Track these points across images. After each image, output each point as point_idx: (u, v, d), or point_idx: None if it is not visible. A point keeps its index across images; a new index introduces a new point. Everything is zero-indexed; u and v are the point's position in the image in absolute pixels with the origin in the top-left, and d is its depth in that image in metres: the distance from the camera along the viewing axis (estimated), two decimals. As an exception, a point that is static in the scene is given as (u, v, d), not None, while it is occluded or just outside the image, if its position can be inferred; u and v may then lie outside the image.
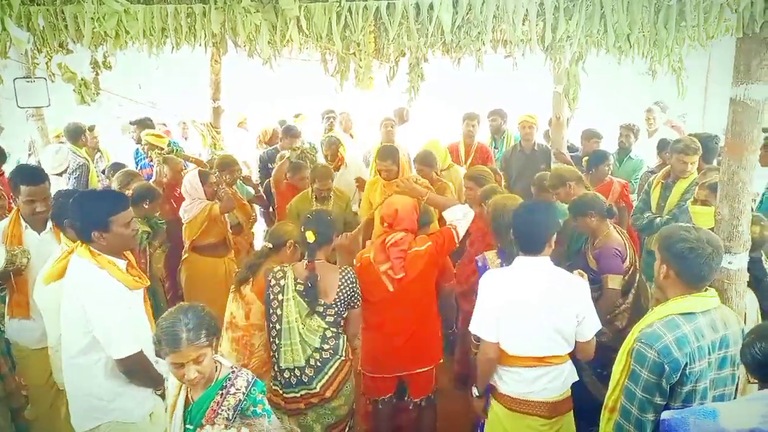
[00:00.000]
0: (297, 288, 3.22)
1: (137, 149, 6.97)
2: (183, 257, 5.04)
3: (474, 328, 2.92)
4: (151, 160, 6.29)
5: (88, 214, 2.78)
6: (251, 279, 3.49)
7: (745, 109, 2.67)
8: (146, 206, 4.52)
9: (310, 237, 3.24)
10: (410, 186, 3.84)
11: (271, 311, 3.26)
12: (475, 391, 3.04)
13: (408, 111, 8.58)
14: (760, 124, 2.70)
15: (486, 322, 2.85)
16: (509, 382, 2.90)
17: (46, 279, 3.01)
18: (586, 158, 5.73)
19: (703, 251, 2.27)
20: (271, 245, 3.60)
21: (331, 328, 3.25)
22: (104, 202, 2.85)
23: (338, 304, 3.26)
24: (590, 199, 3.91)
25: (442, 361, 3.79)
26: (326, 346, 3.23)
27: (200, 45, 4.89)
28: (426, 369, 3.66)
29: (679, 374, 2.22)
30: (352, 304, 3.33)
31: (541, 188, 4.78)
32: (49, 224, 3.67)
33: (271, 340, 3.28)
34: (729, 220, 2.86)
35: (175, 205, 5.35)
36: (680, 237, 2.33)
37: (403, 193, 3.79)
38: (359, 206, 5.75)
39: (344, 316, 3.33)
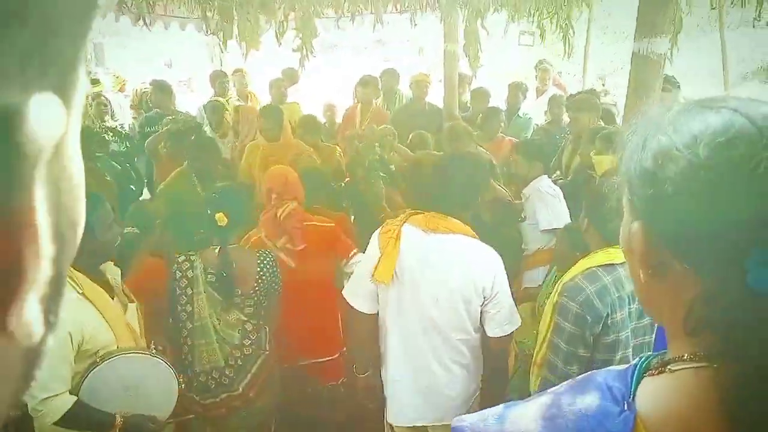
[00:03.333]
0: (208, 279, 2.78)
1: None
2: None
3: None
4: None
5: None
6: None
7: (648, 63, 2.67)
8: None
9: (222, 220, 2.77)
10: None
11: (179, 308, 2.78)
12: None
13: (298, 71, 8.21)
14: (661, 78, 2.70)
15: None
16: None
17: None
18: (481, 116, 5.77)
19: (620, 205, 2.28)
20: (137, 230, 3.13)
21: (252, 321, 2.86)
22: None
23: (258, 292, 2.86)
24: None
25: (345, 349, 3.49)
26: (247, 342, 2.82)
27: None
28: (331, 358, 3.36)
29: (600, 325, 2.25)
30: (272, 290, 2.94)
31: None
32: None
33: (182, 340, 2.82)
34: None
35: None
36: (599, 192, 2.36)
37: None
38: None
39: (265, 305, 2.93)
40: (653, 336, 2.43)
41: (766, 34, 4.47)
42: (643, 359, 0.81)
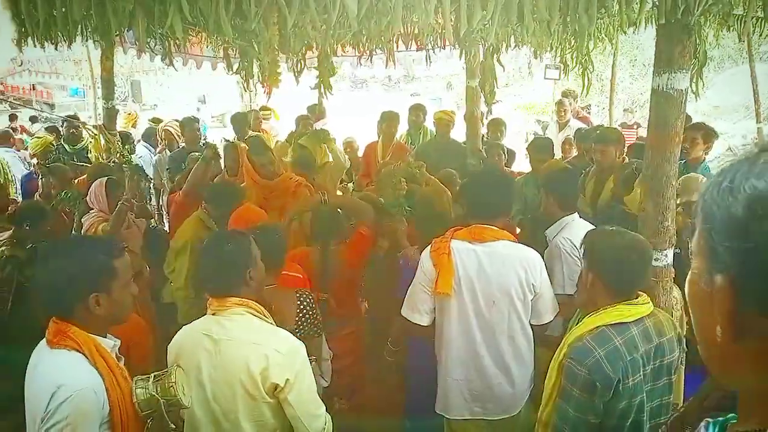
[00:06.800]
0: None
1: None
2: None
3: None
4: (36, 172, 5.69)
5: None
6: None
7: (668, 99, 2.55)
8: (27, 227, 3.95)
9: None
10: None
11: None
12: None
13: (322, 107, 8.31)
14: (683, 114, 2.58)
15: None
16: None
17: None
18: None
19: (629, 257, 2.17)
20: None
21: None
22: None
23: (299, 333, 2.77)
24: None
25: None
26: None
27: (82, 39, 4.43)
28: None
29: (612, 391, 2.07)
30: (312, 330, 2.89)
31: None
32: None
33: None
34: (654, 215, 2.74)
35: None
36: (605, 243, 2.23)
37: None
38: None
39: (306, 345, 2.88)
40: (671, 396, 2.26)
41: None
42: (711, 428, 0.72)
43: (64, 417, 1.68)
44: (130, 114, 9.48)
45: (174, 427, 1.93)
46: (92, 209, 4.39)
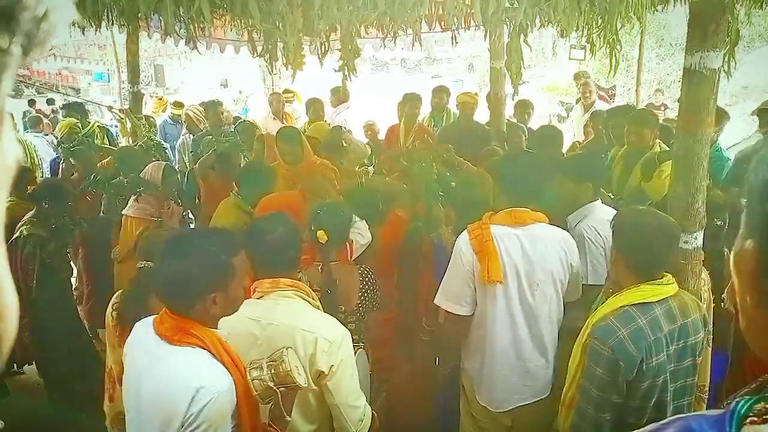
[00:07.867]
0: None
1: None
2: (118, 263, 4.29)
3: None
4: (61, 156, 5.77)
5: None
6: None
7: (701, 78, 2.49)
8: (46, 206, 4.02)
9: (322, 237, 2.71)
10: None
11: None
12: None
13: (346, 90, 8.27)
14: (716, 94, 2.53)
15: None
16: None
17: None
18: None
19: (655, 237, 2.14)
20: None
21: (354, 336, 2.79)
22: None
23: (361, 309, 2.84)
24: None
25: None
26: None
27: (108, 23, 4.46)
28: None
29: (635, 370, 2.07)
30: (372, 306, 2.91)
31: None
32: None
33: None
34: (684, 197, 2.69)
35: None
36: (631, 222, 2.22)
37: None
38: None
39: (365, 320, 2.91)
40: (696, 377, 2.25)
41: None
42: (741, 403, 0.71)
43: (207, 419, 1.70)
44: (161, 99, 9.55)
45: (290, 419, 1.92)
46: (133, 196, 4.33)
